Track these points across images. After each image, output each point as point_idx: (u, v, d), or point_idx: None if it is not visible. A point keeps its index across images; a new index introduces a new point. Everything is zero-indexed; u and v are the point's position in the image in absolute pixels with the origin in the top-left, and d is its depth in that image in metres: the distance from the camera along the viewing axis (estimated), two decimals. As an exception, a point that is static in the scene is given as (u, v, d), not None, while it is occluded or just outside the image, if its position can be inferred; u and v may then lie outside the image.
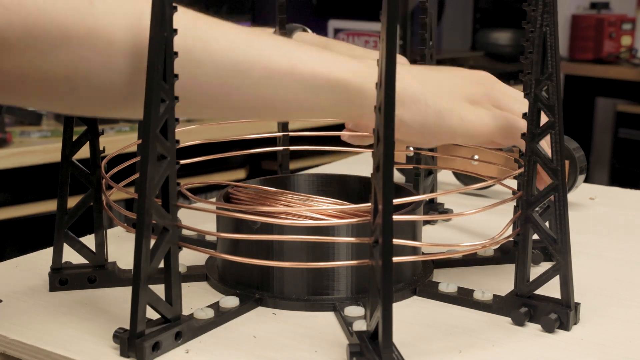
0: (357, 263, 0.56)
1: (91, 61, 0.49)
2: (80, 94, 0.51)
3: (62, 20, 0.47)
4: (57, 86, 0.50)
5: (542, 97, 0.57)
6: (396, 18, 0.46)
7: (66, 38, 0.48)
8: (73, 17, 0.48)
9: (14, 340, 0.56)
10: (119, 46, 0.50)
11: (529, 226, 0.58)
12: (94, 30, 0.49)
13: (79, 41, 0.48)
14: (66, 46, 0.48)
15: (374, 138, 0.49)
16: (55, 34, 0.47)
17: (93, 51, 0.49)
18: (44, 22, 0.47)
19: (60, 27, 0.47)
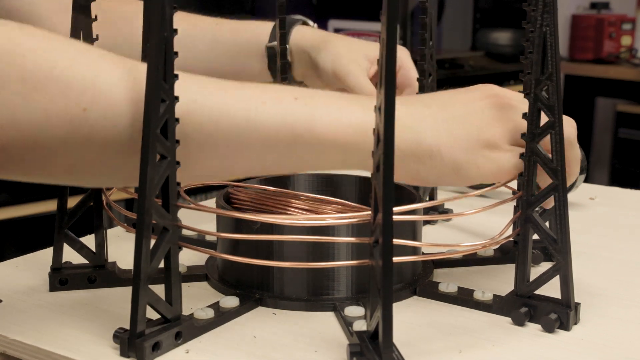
0: (357, 263, 0.56)
1: (89, 160, 0.51)
2: (81, 181, 0.54)
3: (57, 133, 0.49)
4: (57, 177, 0.52)
5: (542, 97, 0.57)
6: (396, 18, 0.46)
7: (63, 146, 0.49)
8: (68, 128, 0.49)
9: (14, 340, 0.56)
10: (117, 140, 0.51)
11: (529, 226, 0.58)
12: (89, 137, 0.50)
13: (75, 147, 0.50)
14: (63, 152, 0.50)
15: (374, 138, 0.49)
16: (51, 144, 0.49)
17: (90, 152, 0.51)
18: (40, 136, 0.48)
19: (56, 139, 0.49)
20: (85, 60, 0.50)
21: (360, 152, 0.55)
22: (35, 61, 0.48)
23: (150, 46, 0.50)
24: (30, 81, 0.47)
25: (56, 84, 0.48)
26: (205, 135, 0.53)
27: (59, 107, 0.48)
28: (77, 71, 0.49)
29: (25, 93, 0.47)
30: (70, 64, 0.49)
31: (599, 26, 3.13)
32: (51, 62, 0.48)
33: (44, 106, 0.48)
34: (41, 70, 0.48)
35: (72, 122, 0.49)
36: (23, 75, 0.47)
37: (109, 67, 0.50)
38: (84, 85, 0.49)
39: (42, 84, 0.48)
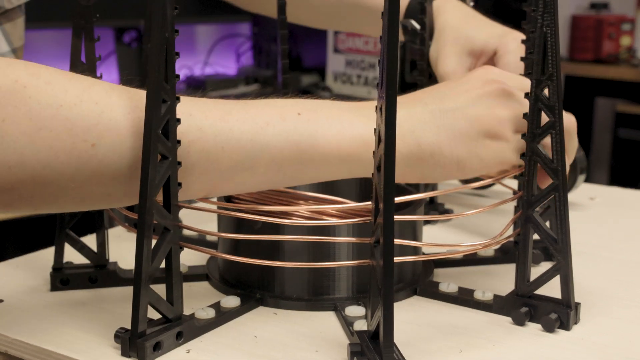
0: (358, 263, 0.56)
1: (97, 192, 0.52)
2: (90, 207, 0.55)
3: (66, 170, 0.49)
4: (66, 208, 0.53)
5: (543, 98, 0.57)
6: (396, 18, 0.46)
7: (72, 182, 0.50)
8: (77, 164, 0.49)
9: (15, 340, 0.56)
10: (125, 172, 0.51)
11: (529, 226, 0.58)
12: (98, 170, 0.50)
13: (84, 181, 0.50)
14: (72, 188, 0.50)
15: (375, 138, 0.50)
16: (60, 181, 0.49)
17: (99, 185, 0.51)
18: (49, 174, 0.49)
19: (65, 176, 0.49)
20: (90, 97, 0.50)
21: (363, 162, 0.56)
22: (41, 101, 0.48)
23: (151, 46, 0.50)
24: (37, 120, 0.48)
25: (63, 122, 0.49)
26: (212, 161, 0.53)
27: (67, 145, 0.49)
28: (84, 108, 0.49)
29: (32, 133, 0.48)
30: (76, 102, 0.49)
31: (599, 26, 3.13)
32: (57, 101, 0.49)
33: (51, 144, 0.48)
34: (48, 110, 0.48)
35: (80, 158, 0.49)
36: (30, 115, 0.48)
37: (115, 102, 0.51)
38: (90, 122, 0.49)
39: (49, 123, 0.48)
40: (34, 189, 0.49)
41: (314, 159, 0.56)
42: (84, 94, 0.50)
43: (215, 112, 0.54)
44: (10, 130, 0.47)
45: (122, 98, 0.51)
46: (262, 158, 0.54)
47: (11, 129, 0.47)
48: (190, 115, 0.53)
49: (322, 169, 0.57)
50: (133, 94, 0.52)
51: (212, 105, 0.55)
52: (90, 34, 0.62)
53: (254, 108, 0.55)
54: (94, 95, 0.50)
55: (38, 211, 0.52)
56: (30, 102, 0.48)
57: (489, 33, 0.81)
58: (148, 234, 0.51)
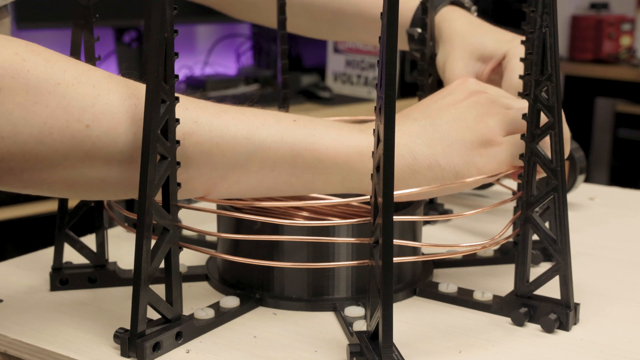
0: (357, 263, 0.56)
1: (89, 176, 0.51)
2: (79, 195, 0.54)
3: (59, 147, 0.49)
4: (56, 191, 0.52)
5: (542, 98, 0.57)
6: (396, 18, 0.46)
7: (63, 161, 0.50)
8: (70, 144, 0.49)
9: (15, 340, 0.56)
10: (118, 157, 0.51)
11: (528, 226, 0.58)
12: (91, 152, 0.50)
13: (76, 162, 0.50)
14: (63, 167, 0.50)
15: (374, 138, 0.50)
16: (52, 159, 0.49)
17: (91, 168, 0.51)
18: (41, 150, 0.49)
19: (57, 154, 0.49)
20: (88, 79, 0.50)
21: (358, 173, 0.56)
22: (39, 76, 0.48)
23: (150, 46, 0.50)
24: (34, 94, 0.48)
25: (59, 99, 0.49)
26: (206, 154, 0.53)
27: (61, 123, 0.49)
28: (80, 89, 0.50)
29: (27, 106, 0.48)
30: (73, 82, 0.49)
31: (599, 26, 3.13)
32: (55, 78, 0.49)
33: (46, 120, 0.48)
34: (45, 85, 0.48)
35: (74, 138, 0.49)
36: (27, 89, 0.48)
37: (112, 87, 0.51)
38: (86, 103, 0.49)
39: (45, 98, 0.48)
40: (25, 163, 0.49)
41: (309, 163, 0.56)
42: (82, 76, 0.50)
43: (211, 109, 0.54)
44: (6, 100, 0.47)
45: (119, 85, 0.51)
46: (256, 157, 0.54)
47: (7, 100, 0.47)
48: (187, 109, 0.53)
49: (316, 176, 0.57)
50: (131, 84, 0.52)
51: (209, 103, 0.55)
52: (90, 34, 0.62)
53: (250, 110, 0.56)
54: (92, 78, 0.51)
55: (27, 190, 0.51)
56: (29, 76, 0.48)
57: (498, 39, 0.81)
58: (147, 234, 0.51)
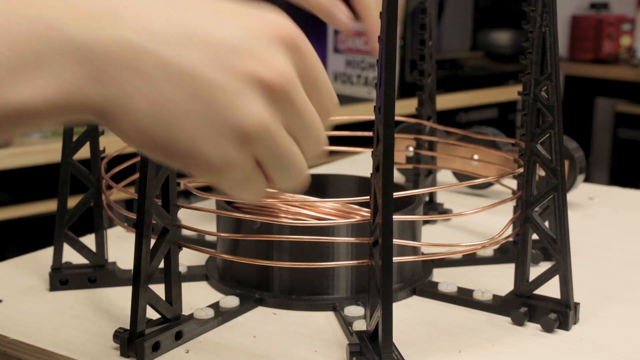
0: (357, 263, 0.56)
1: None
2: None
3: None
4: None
5: (542, 97, 0.57)
6: (396, 18, 0.46)
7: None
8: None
9: (14, 340, 0.56)
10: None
11: (528, 226, 0.58)
12: None
13: None
14: None
15: (374, 138, 0.50)
16: None
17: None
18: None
19: None
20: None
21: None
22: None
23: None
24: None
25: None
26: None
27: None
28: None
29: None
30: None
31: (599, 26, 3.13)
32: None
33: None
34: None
35: None
36: None
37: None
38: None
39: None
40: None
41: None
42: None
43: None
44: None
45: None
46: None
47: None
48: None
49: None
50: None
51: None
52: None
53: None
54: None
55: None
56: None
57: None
58: (147, 233, 0.51)
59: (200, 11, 0.36)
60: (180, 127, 0.36)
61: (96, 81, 0.34)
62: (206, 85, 0.35)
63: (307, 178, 0.40)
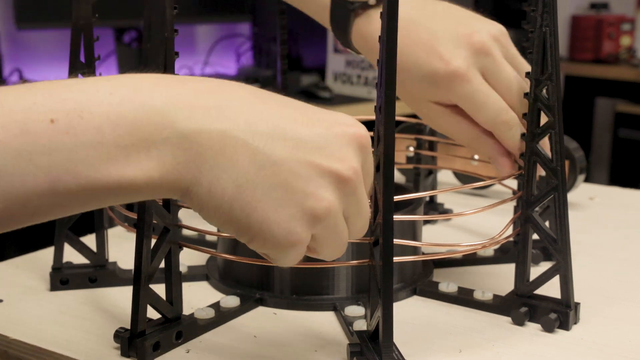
0: (357, 263, 0.56)
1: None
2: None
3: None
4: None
5: (542, 97, 0.57)
6: (396, 18, 0.46)
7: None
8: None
9: (15, 340, 0.56)
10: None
11: (528, 226, 0.58)
12: None
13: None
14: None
15: (374, 138, 0.50)
16: None
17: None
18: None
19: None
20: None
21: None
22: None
23: (150, 46, 0.50)
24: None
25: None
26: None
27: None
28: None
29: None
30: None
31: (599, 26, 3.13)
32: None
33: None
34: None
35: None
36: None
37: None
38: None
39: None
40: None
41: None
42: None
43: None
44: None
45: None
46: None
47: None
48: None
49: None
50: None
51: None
52: (90, 34, 0.62)
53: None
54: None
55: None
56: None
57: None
58: (147, 233, 0.51)
59: (292, 112, 0.43)
60: (259, 209, 0.41)
61: (194, 166, 0.39)
62: (288, 174, 0.41)
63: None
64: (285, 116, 0.42)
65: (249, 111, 0.41)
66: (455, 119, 0.63)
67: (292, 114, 0.43)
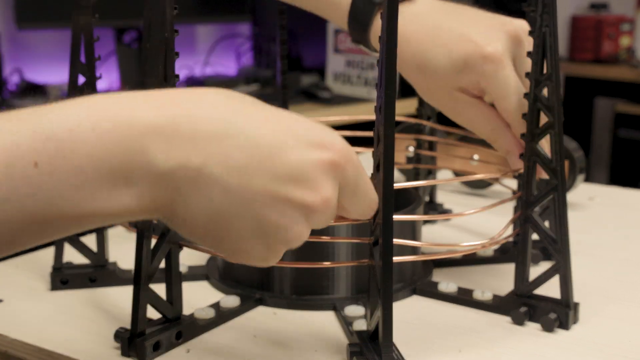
0: (357, 263, 0.56)
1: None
2: None
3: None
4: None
5: (542, 98, 0.57)
6: (396, 18, 0.46)
7: None
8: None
9: (15, 340, 0.56)
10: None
11: (528, 226, 0.58)
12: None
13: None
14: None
15: (374, 138, 0.50)
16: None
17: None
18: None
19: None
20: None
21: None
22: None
23: (150, 47, 0.50)
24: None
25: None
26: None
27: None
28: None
29: None
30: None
31: (598, 27, 3.13)
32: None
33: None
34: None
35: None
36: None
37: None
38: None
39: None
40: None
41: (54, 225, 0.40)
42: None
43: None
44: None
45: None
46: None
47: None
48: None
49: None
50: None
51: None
52: (90, 34, 0.62)
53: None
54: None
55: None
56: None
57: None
58: (148, 234, 0.51)
59: (267, 137, 0.42)
60: (233, 237, 0.43)
61: (170, 200, 0.41)
62: (261, 208, 0.42)
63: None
64: (260, 144, 0.42)
65: (225, 140, 0.41)
66: (479, 109, 0.63)
67: (268, 140, 0.42)
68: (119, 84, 2.11)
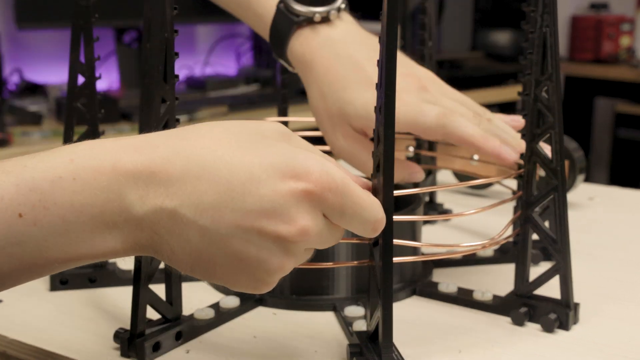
0: (357, 263, 0.56)
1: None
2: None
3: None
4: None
5: (542, 98, 0.57)
6: (396, 18, 0.46)
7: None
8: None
9: (14, 340, 0.56)
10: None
11: (528, 226, 0.58)
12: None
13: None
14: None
15: (374, 138, 0.50)
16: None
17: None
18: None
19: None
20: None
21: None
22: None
23: (150, 47, 0.50)
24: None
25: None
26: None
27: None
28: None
29: None
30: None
31: (598, 27, 3.13)
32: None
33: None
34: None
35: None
36: None
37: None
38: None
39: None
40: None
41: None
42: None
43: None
44: None
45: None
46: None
47: None
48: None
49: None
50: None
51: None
52: (89, 34, 0.62)
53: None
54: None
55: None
56: None
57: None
58: (147, 234, 0.51)
59: (241, 179, 0.43)
60: (218, 273, 0.44)
61: (152, 241, 0.43)
62: (238, 245, 0.43)
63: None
64: (232, 181, 0.42)
65: (198, 181, 0.42)
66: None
67: (241, 177, 0.43)
68: (119, 84, 2.11)
